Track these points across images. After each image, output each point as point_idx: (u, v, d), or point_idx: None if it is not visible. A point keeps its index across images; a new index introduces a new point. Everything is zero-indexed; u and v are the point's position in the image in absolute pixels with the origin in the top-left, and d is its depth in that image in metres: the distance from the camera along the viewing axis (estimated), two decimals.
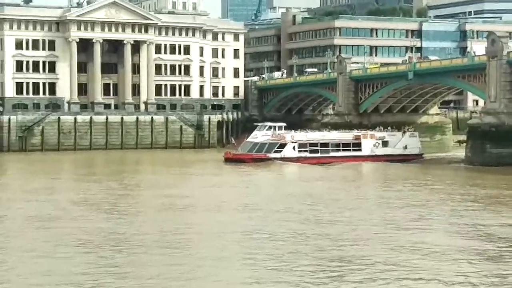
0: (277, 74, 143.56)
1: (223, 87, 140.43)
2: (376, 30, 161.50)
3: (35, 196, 61.74)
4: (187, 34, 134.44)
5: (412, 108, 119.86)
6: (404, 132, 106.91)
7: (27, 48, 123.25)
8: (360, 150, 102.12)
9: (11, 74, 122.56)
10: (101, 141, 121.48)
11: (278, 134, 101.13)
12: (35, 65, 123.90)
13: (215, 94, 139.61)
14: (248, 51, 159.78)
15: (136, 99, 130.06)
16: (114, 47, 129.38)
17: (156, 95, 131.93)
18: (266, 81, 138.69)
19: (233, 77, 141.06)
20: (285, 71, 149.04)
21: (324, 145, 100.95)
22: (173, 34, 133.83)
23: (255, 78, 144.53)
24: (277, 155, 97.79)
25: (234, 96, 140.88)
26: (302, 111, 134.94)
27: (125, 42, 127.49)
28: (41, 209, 53.55)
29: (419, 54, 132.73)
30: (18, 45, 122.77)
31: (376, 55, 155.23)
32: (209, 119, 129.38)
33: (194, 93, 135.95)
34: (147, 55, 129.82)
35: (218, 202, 59.13)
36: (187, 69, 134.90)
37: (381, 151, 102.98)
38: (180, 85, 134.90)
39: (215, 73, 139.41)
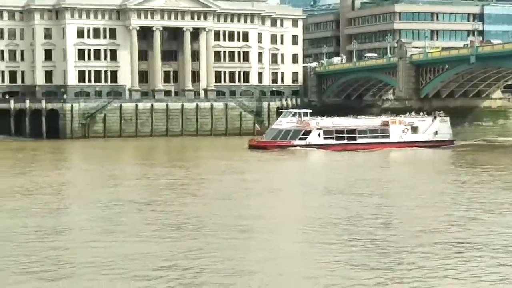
0: (336, 59, 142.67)
1: (282, 73, 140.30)
2: (437, 14, 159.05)
3: (121, 181, 62.55)
4: (245, 21, 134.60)
5: (475, 93, 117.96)
6: (435, 117, 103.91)
7: (89, 37, 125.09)
8: (388, 136, 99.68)
9: (73, 63, 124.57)
10: (162, 128, 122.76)
11: (303, 120, 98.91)
12: (97, 53, 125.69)
13: (274, 80, 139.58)
14: (306, 37, 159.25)
15: (196, 86, 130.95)
16: (173, 34, 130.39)
17: (216, 82, 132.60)
18: (325, 67, 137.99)
19: (292, 63, 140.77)
20: (344, 56, 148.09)
21: (351, 131, 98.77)
22: (232, 21, 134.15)
23: (314, 64, 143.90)
24: (302, 142, 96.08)
25: (293, 82, 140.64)
26: (362, 96, 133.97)
27: (184, 29, 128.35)
28: (133, 194, 54.06)
29: (481, 38, 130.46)
30: (80, 33, 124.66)
31: (437, 39, 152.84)
32: (268, 105, 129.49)
33: (253, 80, 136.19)
34: (206, 42, 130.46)
35: (298, 186, 59.14)
36: (246, 55, 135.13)
37: (410, 137, 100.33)
38: (239, 72, 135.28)
39: (274, 59, 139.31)
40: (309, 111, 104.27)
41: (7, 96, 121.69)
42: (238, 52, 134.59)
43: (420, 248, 35.21)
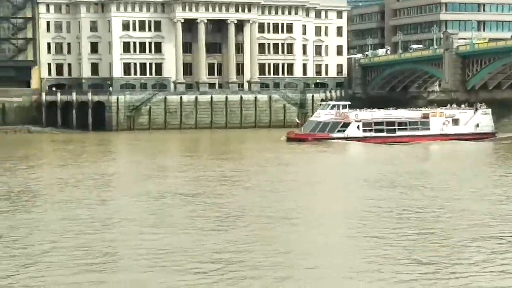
0: (381, 51, 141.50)
1: (326, 65, 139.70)
2: (484, 4, 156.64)
3: (169, 173, 63.02)
4: (290, 13, 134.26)
5: None
6: (476, 109, 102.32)
7: (134, 29, 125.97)
8: (428, 129, 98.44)
9: (119, 55, 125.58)
10: (206, 120, 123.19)
11: (342, 113, 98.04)
12: (142, 46, 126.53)
13: (318, 72, 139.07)
14: (351, 29, 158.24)
15: (240, 78, 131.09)
16: (218, 27, 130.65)
17: (260, 74, 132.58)
18: (370, 59, 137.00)
19: (336, 55, 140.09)
20: (389, 48, 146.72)
21: (390, 123, 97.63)
22: (276, 12, 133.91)
23: (359, 55, 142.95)
24: (340, 135, 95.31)
25: (337, 74, 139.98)
26: (407, 88, 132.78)
27: (228, 21, 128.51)
28: (181, 186, 54.46)
29: None
30: (125, 26, 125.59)
31: (484, 30, 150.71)
32: (312, 97, 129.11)
33: (297, 72, 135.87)
34: (251, 34, 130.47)
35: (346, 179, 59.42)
36: (290, 47, 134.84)
37: (451, 129, 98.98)
38: (283, 64, 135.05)
39: (318, 51, 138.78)
40: (347, 103, 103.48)
41: (54, 89, 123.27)
42: (282, 44, 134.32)
43: (472, 243, 34.79)
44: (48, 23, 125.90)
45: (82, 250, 33.45)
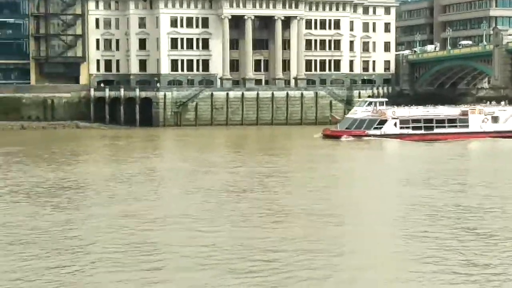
0: (429, 47, 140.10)
1: (374, 62, 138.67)
2: None
3: (221, 169, 63.61)
4: (337, 9, 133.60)
5: None
6: None
7: (182, 26, 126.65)
8: (467, 126, 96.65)
9: (166, 52, 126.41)
10: (252, 117, 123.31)
11: (379, 110, 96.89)
12: (189, 42, 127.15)
13: (365, 68, 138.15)
14: (399, 25, 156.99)
15: (286, 74, 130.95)
16: (265, 23, 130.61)
17: (306, 70, 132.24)
18: (418, 55, 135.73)
19: (383, 51, 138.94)
20: (438, 44, 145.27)
21: (428, 121, 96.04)
22: (323, 9, 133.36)
23: (407, 52, 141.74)
24: (377, 132, 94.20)
25: (384, 71, 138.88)
26: (456, 85, 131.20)
27: (276, 18, 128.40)
28: (234, 181, 55.04)
29: None
30: (173, 22, 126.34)
31: None
32: (359, 94, 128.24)
33: (344, 68, 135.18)
34: (298, 30, 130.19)
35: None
36: (337, 44, 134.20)
37: (491, 127, 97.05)
38: (330, 60, 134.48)
39: (365, 47, 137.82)
40: (385, 100, 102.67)
41: (102, 85, 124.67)
42: (329, 41, 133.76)
43: None
44: (97, 20, 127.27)
45: (138, 247, 33.74)
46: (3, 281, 28.40)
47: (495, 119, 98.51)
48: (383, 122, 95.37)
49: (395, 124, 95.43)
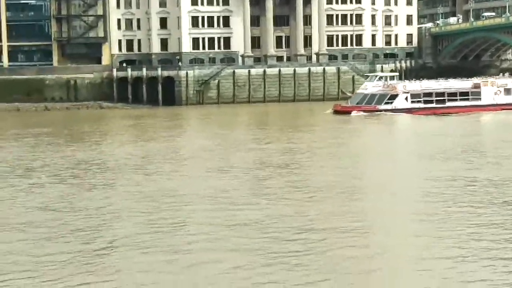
0: (452, 19, 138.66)
1: (396, 35, 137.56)
2: None
3: (252, 146, 64.14)
4: None
5: None
6: None
7: (202, 4, 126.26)
8: (479, 99, 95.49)
9: (187, 30, 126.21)
10: (275, 93, 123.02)
11: (390, 84, 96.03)
12: (210, 20, 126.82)
13: (388, 42, 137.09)
14: None
15: (308, 50, 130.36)
16: None
17: (328, 45, 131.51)
18: (440, 28, 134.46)
19: (406, 24, 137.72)
20: (460, 16, 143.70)
21: (440, 94, 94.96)
22: None
23: (429, 24, 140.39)
24: (388, 107, 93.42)
25: (407, 44, 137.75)
26: (479, 57, 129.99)
27: None
28: (269, 158, 55.49)
29: None
30: (193, 1, 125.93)
31: None
32: (382, 68, 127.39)
33: (366, 43, 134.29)
34: (319, 6, 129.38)
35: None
36: (358, 18, 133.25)
37: (504, 99, 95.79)
38: (351, 35, 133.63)
39: (387, 21, 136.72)
40: (396, 74, 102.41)
41: (124, 65, 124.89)
42: (351, 15, 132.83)
43: None
44: (118, 0, 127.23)
45: (181, 224, 34.24)
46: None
47: (508, 91, 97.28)
48: (393, 96, 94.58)
49: (406, 99, 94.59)
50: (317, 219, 34.68)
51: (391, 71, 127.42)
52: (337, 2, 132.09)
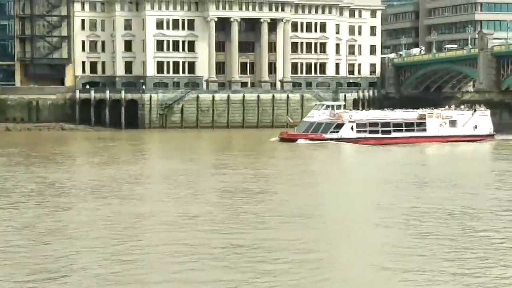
0: (415, 50, 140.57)
1: (359, 65, 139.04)
2: None
3: (223, 170, 64.15)
4: (323, 12, 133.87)
5: None
6: (475, 110, 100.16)
7: (168, 28, 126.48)
8: (425, 130, 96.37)
9: (152, 54, 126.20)
10: (238, 119, 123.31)
11: (336, 113, 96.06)
12: (175, 44, 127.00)
13: (351, 71, 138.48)
14: (385, 28, 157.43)
15: (272, 77, 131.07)
16: (251, 25, 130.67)
17: (292, 73, 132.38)
18: (403, 58, 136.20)
19: (369, 54, 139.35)
20: (423, 47, 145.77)
21: (385, 124, 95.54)
22: (310, 11, 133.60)
23: (392, 55, 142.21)
24: (334, 136, 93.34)
25: (370, 74, 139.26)
26: (441, 88, 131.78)
27: (262, 20, 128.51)
28: (243, 183, 55.50)
29: None
30: (159, 25, 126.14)
31: None
32: (345, 97, 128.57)
33: (330, 71, 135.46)
34: (284, 33, 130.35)
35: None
36: (323, 46, 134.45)
37: (448, 131, 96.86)
38: (316, 63, 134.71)
39: (351, 50, 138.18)
40: (342, 103, 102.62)
41: (88, 87, 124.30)
42: (315, 43, 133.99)
43: None
44: (82, 21, 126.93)
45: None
46: None
47: (453, 123, 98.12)
48: (340, 126, 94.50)
49: (352, 128, 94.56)
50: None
51: (354, 100, 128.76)
52: (302, 30, 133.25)
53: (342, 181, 61.41)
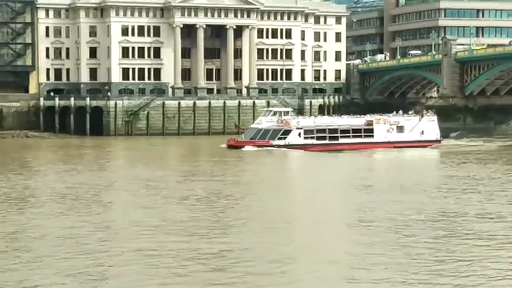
0: (379, 57, 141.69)
1: (325, 71, 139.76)
2: (483, 10, 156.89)
3: (196, 178, 63.74)
4: (289, 18, 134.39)
5: None
6: (422, 116, 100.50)
7: (133, 35, 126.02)
8: (372, 136, 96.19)
9: (117, 60, 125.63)
10: (204, 126, 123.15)
11: (284, 119, 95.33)
12: (141, 51, 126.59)
13: (317, 78, 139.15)
14: (350, 34, 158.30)
15: (238, 83, 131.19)
16: (217, 32, 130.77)
17: (258, 79, 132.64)
18: (368, 64, 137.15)
19: (334, 60, 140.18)
20: (388, 53, 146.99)
21: (333, 131, 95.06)
22: (275, 18, 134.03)
23: (357, 61, 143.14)
24: (281, 142, 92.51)
25: (335, 80, 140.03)
26: (405, 94, 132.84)
27: (227, 27, 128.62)
28: (220, 189, 55.40)
29: None
30: (124, 31, 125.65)
31: (482, 36, 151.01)
32: (311, 103, 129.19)
33: (296, 77, 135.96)
34: (249, 39, 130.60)
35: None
36: (288, 53, 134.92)
37: (395, 137, 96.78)
38: (281, 69, 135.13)
39: (316, 56, 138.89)
40: (290, 109, 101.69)
41: (52, 94, 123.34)
42: (281, 50, 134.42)
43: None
44: (47, 28, 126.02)
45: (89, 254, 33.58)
46: None
47: (400, 129, 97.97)
48: (287, 132, 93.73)
49: (300, 134, 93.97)
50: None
51: (320, 106, 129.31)
52: (267, 37, 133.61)
53: (283, 188, 59.94)
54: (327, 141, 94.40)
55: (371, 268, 31.41)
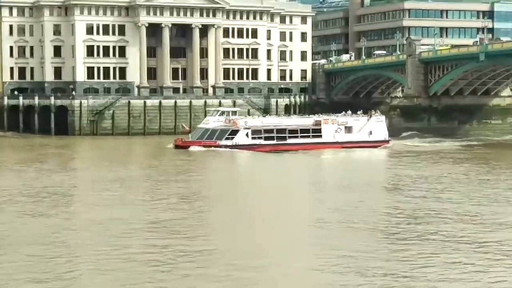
0: (345, 57, 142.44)
1: (291, 71, 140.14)
2: (446, 11, 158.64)
3: (169, 176, 63.92)
4: (254, 18, 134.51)
5: (484, 91, 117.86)
6: (370, 116, 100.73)
7: (98, 33, 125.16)
8: (320, 136, 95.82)
9: (82, 59, 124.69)
10: (170, 125, 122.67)
11: (231, 119, 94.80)
12: (106, 50, 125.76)
13: (283, 77, 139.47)
14: (315, 34, 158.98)
15: (205, 83, 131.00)
16: (182, 31, 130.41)
17: (224, 79, 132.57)
18: (333, 64, 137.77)
19: (300, 60, 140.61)
20: (353, 53, 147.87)
21: (280, 131, 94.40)
22: (241, 17, 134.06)
23: (323, 61, 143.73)
24: (228, 143, 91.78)
25: (301, 80, 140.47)
26: (371, 94, 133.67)
27: (193, 26, 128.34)
28: (201, 188, 55.41)
29: (490, 36, 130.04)
30: (89, 30, 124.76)
31: (446, 36, 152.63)
32: (277, 102, 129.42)
33: (262, 77, 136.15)
34: (215, 39, 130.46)
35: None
36: (254, 52, 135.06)
37: (344, 137, 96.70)
38: (247, 69, 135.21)
39: (282, 56, 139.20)
40: (237, 109, 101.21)
41: (16, 93, 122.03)
42: (247, 49, 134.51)
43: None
44: (10, 27, 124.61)
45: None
46: None
47: (348, 129, 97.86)
48: (235, 132, 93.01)
49: (247, 134, 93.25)
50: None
51: (286, 105, 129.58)
52: (233, 36, 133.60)
53: (228, 190, 59.25)
54: (274, 141, 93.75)
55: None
